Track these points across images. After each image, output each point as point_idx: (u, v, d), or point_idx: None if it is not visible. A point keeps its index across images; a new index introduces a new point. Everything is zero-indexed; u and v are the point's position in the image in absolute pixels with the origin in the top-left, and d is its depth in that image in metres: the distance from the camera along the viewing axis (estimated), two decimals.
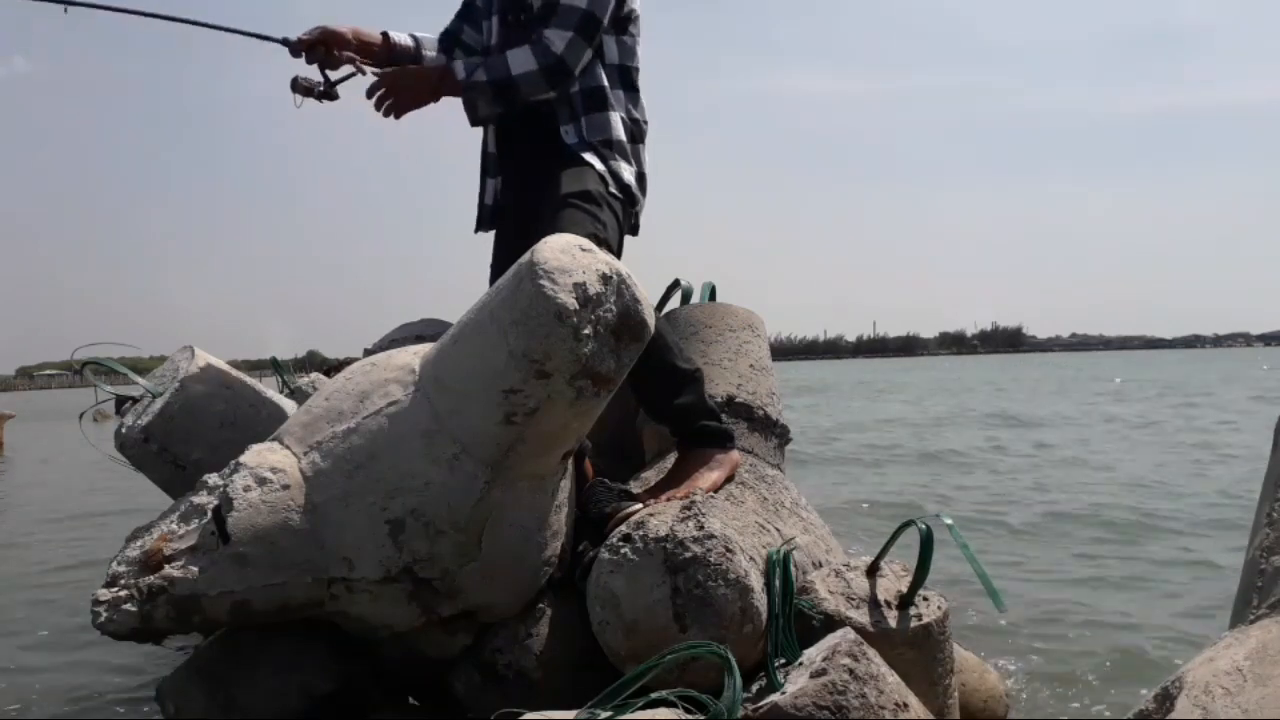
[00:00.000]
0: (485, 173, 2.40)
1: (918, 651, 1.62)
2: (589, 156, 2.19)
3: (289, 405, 2.44)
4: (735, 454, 2.14)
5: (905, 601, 1.66)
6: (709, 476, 2.03)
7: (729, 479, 2.07)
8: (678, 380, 2.12)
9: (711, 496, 1.93)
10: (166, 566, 1.69)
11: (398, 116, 2.17)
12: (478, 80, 2.12)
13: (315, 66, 2.24)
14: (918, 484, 6.80)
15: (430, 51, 2.42)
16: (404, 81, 2.17)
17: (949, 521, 1.69)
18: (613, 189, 2.20)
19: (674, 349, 2.15)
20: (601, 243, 2.03)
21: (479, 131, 2.40)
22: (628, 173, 2.25)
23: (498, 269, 2.32)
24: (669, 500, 1.85)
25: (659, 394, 2.14)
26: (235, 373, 2.37)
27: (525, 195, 2.25)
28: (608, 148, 2.23)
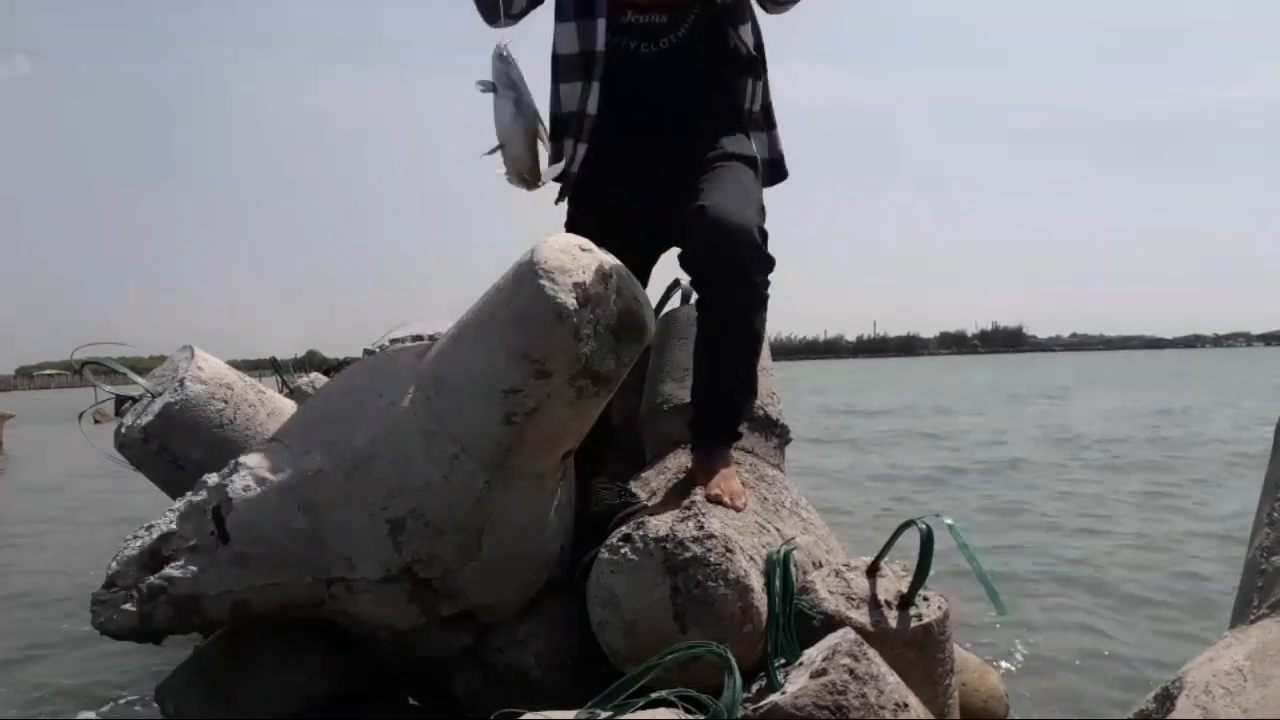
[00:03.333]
0: (568, 134, 2.05)
1: (918, 651, 1.62)
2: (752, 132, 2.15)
3: (289, 405, 2.44)
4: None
5: (905, 601, 1.66)
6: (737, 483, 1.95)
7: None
8: (751, 379, 2.08)
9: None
10: (166, 566, 1.69)
11: None
12: None
13: None
14: None
15: None
16: None
17: (950, 522, 1.69)
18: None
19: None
20: (762, 235, 1.92)
21: (477, 131, 2.21)
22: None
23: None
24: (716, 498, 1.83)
25: (733, 378, 2.02)
26: (235, 373, 2.37)
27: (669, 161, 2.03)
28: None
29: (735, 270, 1.86)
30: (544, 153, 1.94)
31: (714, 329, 1.96)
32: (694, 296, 2.86)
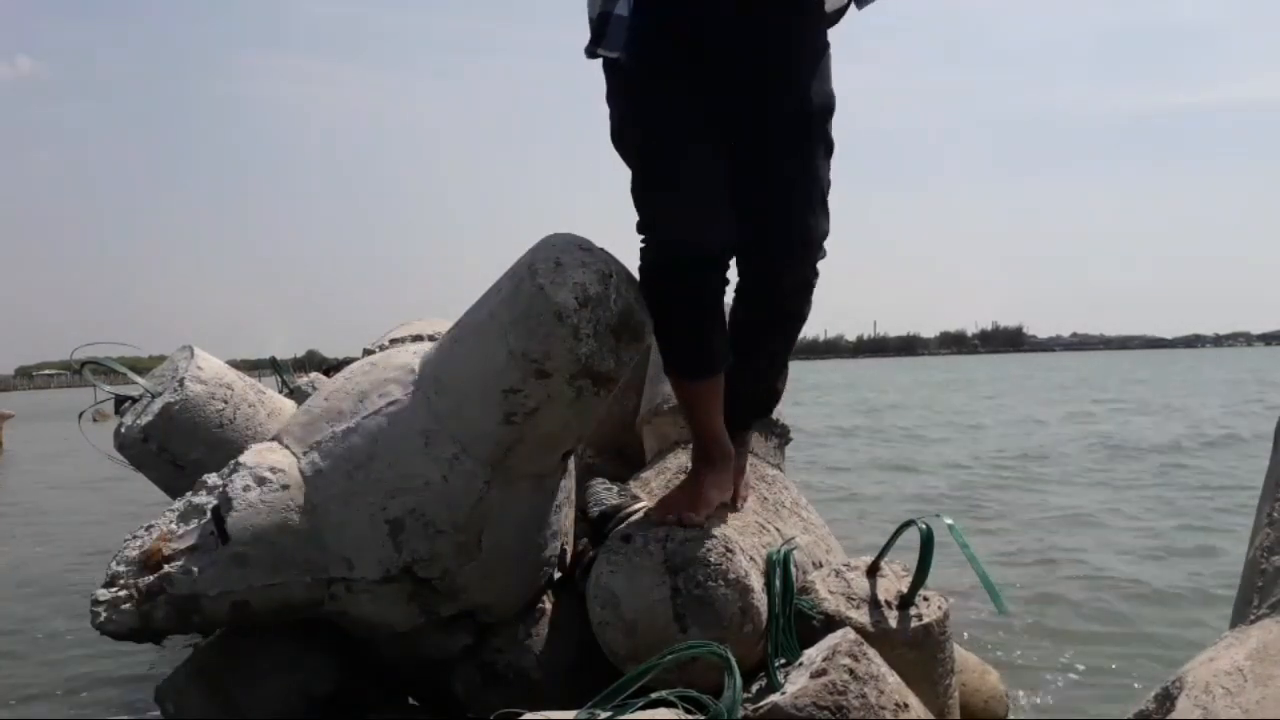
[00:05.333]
0: None
1: (918, 652, 1.62)
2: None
3: (289, 405, 2.44)
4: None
5: (905, 601, 1.66)
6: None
7: None
8: (784, 369, 2.05)
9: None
10: (166, 566, 1.69)
11: None
12: None
13: None
14: None
15: None
16: None
17: (950, 521, 1.69)
18: None
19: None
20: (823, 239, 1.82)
21: (479, 124, 2.02)
22: None
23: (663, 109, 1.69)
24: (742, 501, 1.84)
25: (773, 369, 2.00)
26: (235, 373, 2.37)
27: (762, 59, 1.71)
28: None
29: (797, 279, 1.85)
30: None
31: (761, 325, 1.91)
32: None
